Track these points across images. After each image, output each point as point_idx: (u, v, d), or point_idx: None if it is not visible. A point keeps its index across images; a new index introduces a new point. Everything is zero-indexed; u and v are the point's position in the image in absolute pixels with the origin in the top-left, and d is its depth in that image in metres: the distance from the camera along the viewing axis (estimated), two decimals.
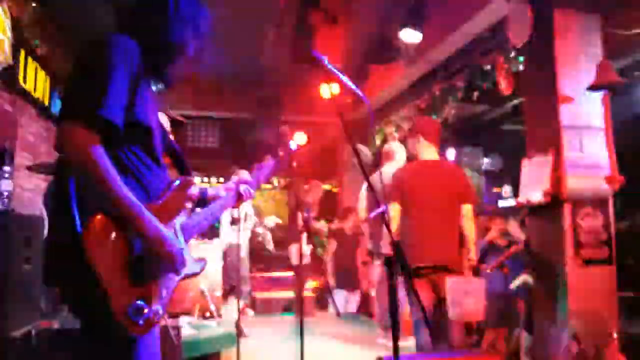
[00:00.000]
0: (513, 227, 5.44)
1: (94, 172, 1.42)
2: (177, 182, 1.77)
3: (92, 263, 1.42)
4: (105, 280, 1.43)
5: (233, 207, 2.12)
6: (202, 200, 2.02)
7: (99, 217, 1.45)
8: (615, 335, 3.43)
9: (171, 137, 2.11)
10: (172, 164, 1.97)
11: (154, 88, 1.79)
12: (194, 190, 1.92)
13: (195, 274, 1.82)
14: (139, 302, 1.49)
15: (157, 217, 1.56)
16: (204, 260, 1.87)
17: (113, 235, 1.47)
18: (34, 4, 5.25)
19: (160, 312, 1.58)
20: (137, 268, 1.51)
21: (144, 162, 1.65)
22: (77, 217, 1.46)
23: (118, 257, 1.47)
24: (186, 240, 1.74)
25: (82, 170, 1.45)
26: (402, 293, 3.86)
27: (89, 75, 1.51)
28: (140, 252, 1.52)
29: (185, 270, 1.73)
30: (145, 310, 1.49)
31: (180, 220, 1.73)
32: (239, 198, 2.12)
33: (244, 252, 5.64)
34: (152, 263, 1.56)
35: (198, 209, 1.96)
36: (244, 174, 5.01)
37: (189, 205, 1.80)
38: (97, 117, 1.44)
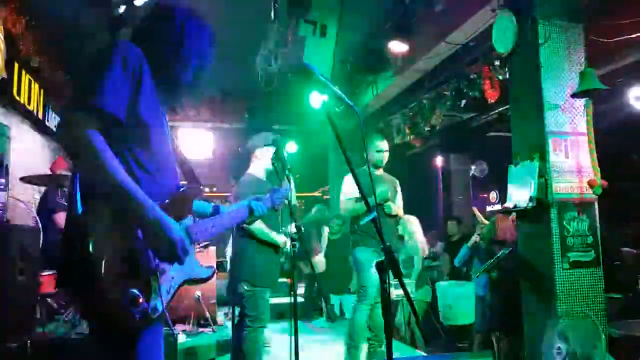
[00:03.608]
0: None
1: (89, 154, 1.44)
2: (184, 188, 1.79)
3: (89, 247, 1.40)
4: (103, 266, 1.41)
5: (244, 221, 2.15)
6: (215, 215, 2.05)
7: (99, 204, 1.46)
8: (603, 337, 3.50)
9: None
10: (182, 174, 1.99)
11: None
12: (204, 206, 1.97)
13: (203, 279, 1.83)
14: (134, 290, 1.46)
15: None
16: (213, 268, 1.87)
17: (112, 223, 1.46)
18: (27, 17, 5.29)
19: (159, 308, 1.55)
20: (135, 260, 1.50)
21: (143, 166, 1.64)
22: (78, 203, 1.47)
23: (116, 247, 1.46)
24: (190, 244, 1.74)
25: (79, 154, 1.46)
26: None
27: (89, 72, 1.57)
28: (140, 244, 1.51)
29: (193, 274, 1.76)
30: (140, 300, 1.45)
31: (184, 223, 1.73)
32: (251, 213, 2.17)
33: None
34: (151, 256, 1.54)
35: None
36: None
37: (191, 211, 1.82)
38: (91, 105, 1.48)
